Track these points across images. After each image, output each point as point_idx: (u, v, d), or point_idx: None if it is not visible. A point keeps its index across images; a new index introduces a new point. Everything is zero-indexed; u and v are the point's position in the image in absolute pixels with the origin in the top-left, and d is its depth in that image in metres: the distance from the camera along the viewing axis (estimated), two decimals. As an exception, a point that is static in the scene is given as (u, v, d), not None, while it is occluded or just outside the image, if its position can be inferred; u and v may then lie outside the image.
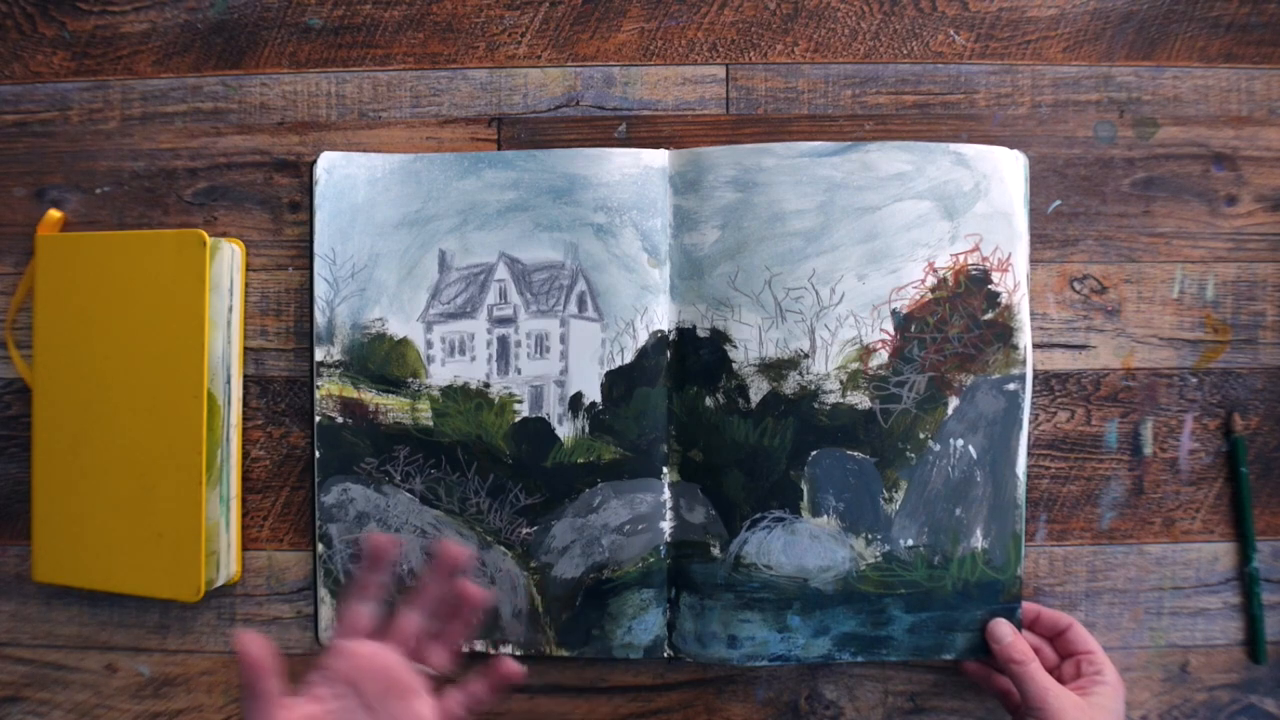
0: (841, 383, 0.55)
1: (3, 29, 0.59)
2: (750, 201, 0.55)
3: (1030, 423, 0.55)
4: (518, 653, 0.56)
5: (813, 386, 0.55)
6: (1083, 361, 0.57)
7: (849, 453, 0.55)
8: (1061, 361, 0.57)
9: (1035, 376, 0.56)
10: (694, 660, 0.55)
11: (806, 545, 0.55)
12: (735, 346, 0.55)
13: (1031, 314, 0.55)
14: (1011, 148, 0.55)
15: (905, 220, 0.55)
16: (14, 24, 0.59)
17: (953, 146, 0.55)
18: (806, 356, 0.55)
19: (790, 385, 0.55)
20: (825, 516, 0.55)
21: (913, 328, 0.55)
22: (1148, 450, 0.57)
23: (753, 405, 0.55)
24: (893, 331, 0.55)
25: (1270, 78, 0.57)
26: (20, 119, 0.59)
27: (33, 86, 0.59)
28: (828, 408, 0.55)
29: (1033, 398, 0.56)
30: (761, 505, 0.55)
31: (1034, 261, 0.56)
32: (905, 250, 0.55)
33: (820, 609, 0.54)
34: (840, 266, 0.55)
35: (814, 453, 0.55)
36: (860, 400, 0.55)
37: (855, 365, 0.55)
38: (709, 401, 0.55)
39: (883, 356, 0.55)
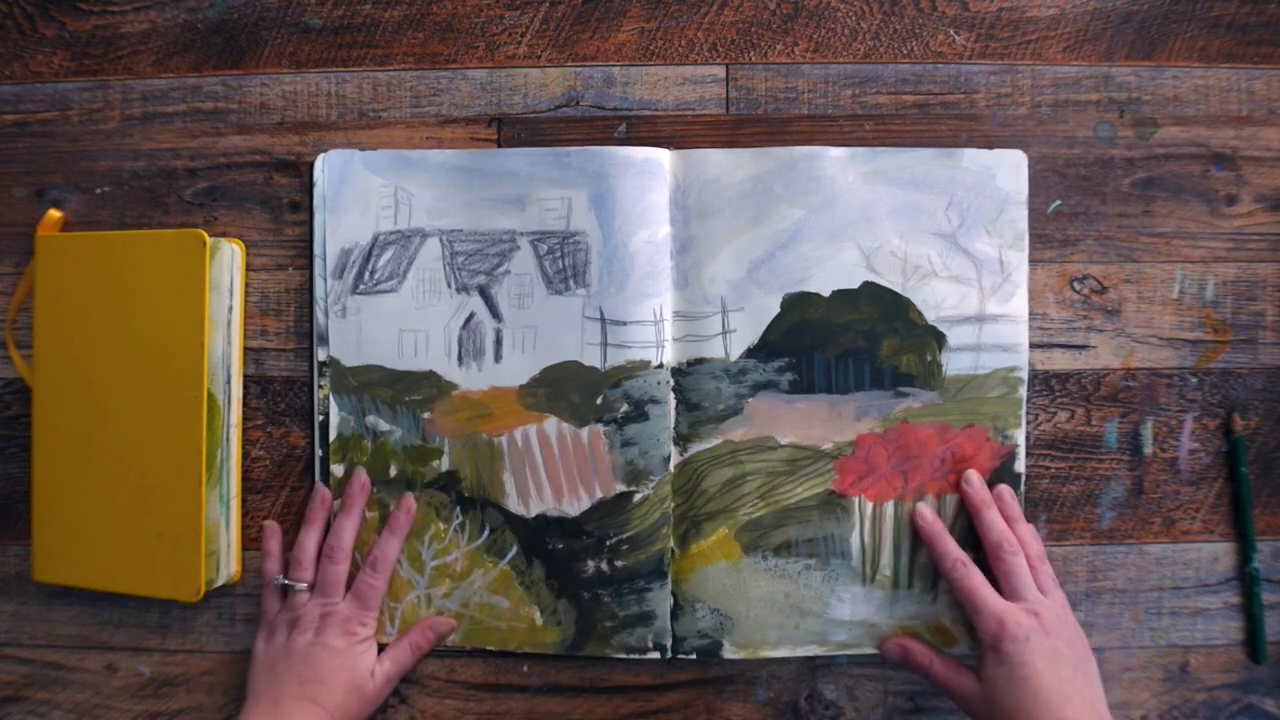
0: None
1: (3, 29, 0.59)
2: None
3: (1029, 422, 0.55)
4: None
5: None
6: (1083, 361, 0.57)
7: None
8: (1061, 361, 0.57)
9: (1035, 376, 0.56)
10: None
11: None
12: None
13: (1031, 314, 0.55)
14: (1012, 148, 0.55)
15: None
16: (14, 24, 0.59)
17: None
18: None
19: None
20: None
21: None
22: (1148, 450, 0.57)
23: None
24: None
25: (1270, 78, 0.57)
26: (20, 119, 0.59)
27: (33, 86, 0.59)
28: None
29: (1033, 398, 0.56)
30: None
31: (1034, 261, 0.56)
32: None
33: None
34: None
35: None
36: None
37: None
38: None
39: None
